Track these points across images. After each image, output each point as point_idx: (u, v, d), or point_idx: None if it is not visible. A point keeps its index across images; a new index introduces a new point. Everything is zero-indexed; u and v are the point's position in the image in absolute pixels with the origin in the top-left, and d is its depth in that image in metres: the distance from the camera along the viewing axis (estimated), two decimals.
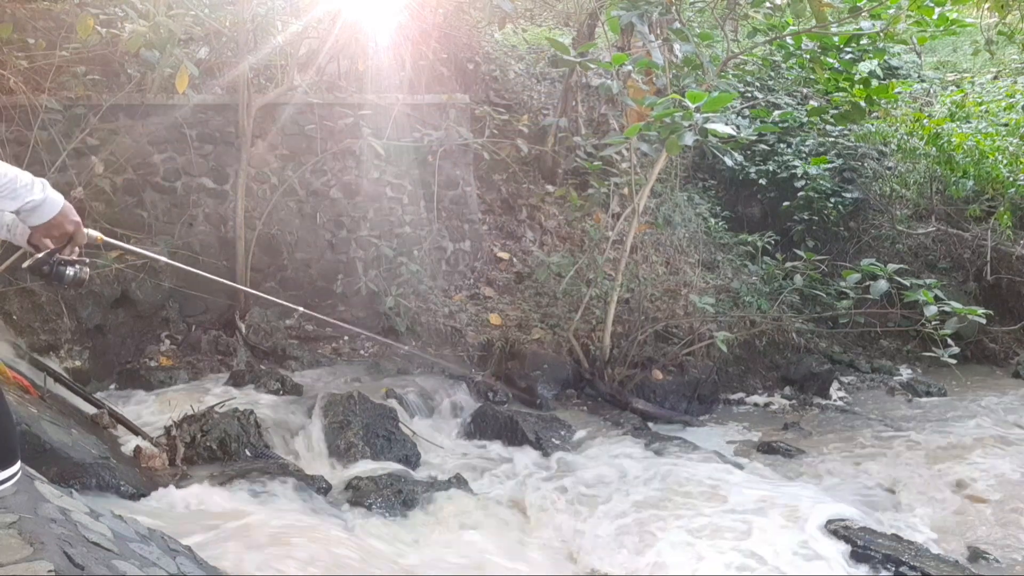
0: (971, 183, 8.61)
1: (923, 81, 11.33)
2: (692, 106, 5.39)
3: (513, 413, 5.96)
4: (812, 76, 8.73)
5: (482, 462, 5.44)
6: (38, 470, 3.42)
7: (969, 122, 9.39)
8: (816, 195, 8.64)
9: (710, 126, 5.43)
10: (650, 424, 6.38)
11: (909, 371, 7.96)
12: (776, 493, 4.86)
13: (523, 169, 8.95)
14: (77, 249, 2.07)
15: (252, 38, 6.74)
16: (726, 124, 5.63)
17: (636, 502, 4.68)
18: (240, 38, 6.68)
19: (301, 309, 2.61)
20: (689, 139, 5.49)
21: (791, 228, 8.82)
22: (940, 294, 5.97)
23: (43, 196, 1.88)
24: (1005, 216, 8.32)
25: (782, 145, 9.29)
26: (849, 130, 9.19)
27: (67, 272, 2.05)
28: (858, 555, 4.11)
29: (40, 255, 2.05)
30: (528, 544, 4.32)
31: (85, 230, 2.05)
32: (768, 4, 7.44)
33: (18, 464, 1.98)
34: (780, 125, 8.90)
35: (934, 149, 8.69)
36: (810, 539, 4.27)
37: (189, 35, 6.73)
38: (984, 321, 5.85)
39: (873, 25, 6.31)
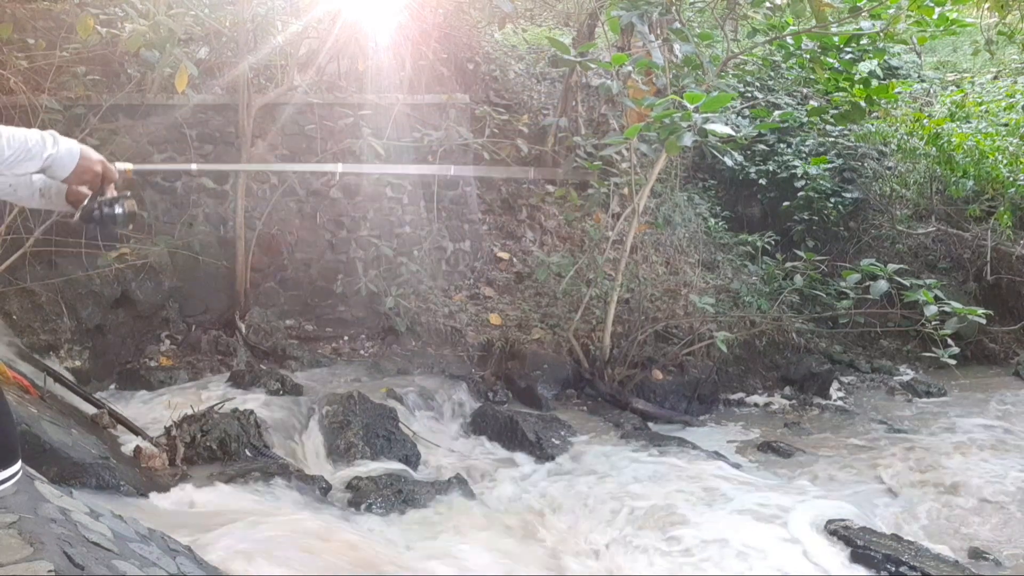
0: (971, 183, 8.61)
1: (923, 81, 11.32)
2: (691, 107, 5.39)
3: (513, 413, 5.96)
4: (812, 76, 8.72)
5: (482, 462, 5.44)
6: (38, 470, 3.42)
7: (969, 122, 9.38)
8: (816, 195, 8.64)
9: (709, 126, 5.43)
10: (650, 424, 6.39)
11: (909, 371, 7.95)
12: (776, 493, 4.87)
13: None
14: (114, 187, 2.05)
15: (252, 38, 6.74)
16: (725, 124, 5.63)
17: (636, 502, 4.68)
18: (240, 38, 6.68)
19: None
20: (688, 140, 5.49)
21: (791, 228, 8.81)
22: (940, 294, 5.97)
23: (56, 148, 1.87)
24: (1005, 216, 8.31)
25: (782, 145, 9.29)
26: (849, 130, 9.18)
27: (117, 211, 2.04)
28: (858, 555, 4.11)
29: (84, 204, 2.03)
30: (527, 544, 4.32)
31: (113, 164, 2.03)
32: (768, 4, 7.43)
33: (19, 464, 1.98)
34: (781, 125, 8.89)
35: (934, 149, 8.69)
36: (810, 539, 4.27)
37: (189, 35, 6.73)
38: (984, 321, 5.85)
39: (873, 25, 6.31)
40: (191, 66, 5.88)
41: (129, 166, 2.11)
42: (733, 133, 5.58)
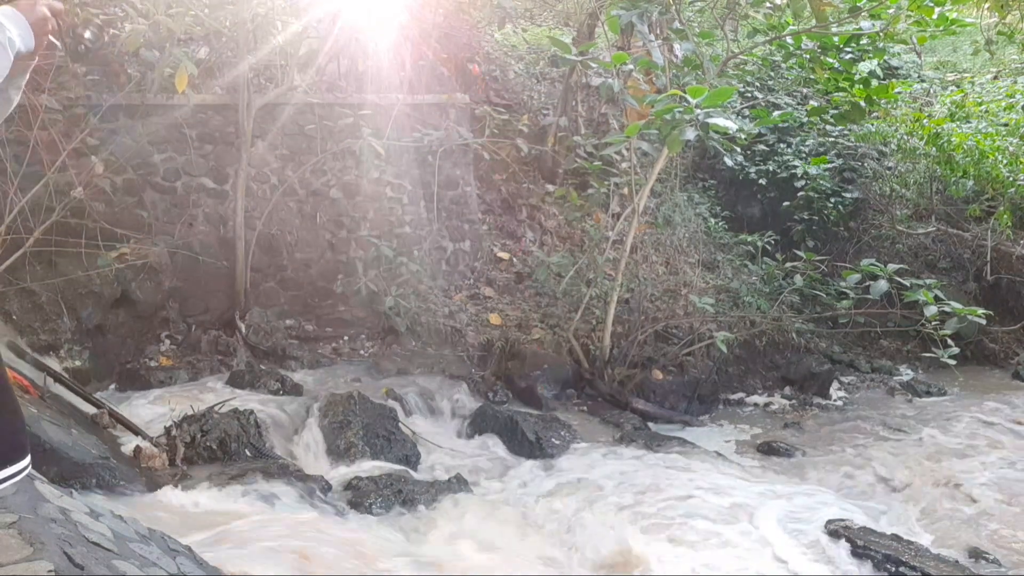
0: (971, 183, 8.60)
1: (923, 81, 11.32)
2: (693, 101, 5.39)
3: (513, 413, 5.96)
4: (812, 76, 8.72)
5: (482, 462, 5.44)
6: (38, 470, 3.41)
7: (969, 122, 9.37)
8: (816, 195, 8.64)
9: (711, 120, 5.42)
10: (650, 424, 6.39)
11: (909, 371, 7.96)
12: (776, 493, 4.87)
13: (523, 169, 8.95)
14: (61, 22, 1.92)
15: (252, 38, 6.74)
16: (726, 119, 5.62)
17: (636, 502, 4.68)
18: (240, 38, 6.68)
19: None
20: (690, 134, 5.48)
21: (791, 228, 8.82)
22: (940, 294, 5.97)
23: (8, 30, 1.71)
24: (1005, 216, 8.31)
25: (782, 145, 9.29)
26: (849, 130, 9.18)
27: (88, 35, 1.99)
28: (858, 555, 4.11)
29: (59, 49, 1.95)
30: (527, 544, 4.32)
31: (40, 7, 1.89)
32: (768, 4, 7.43)
33: (27, 459, 1.98)
34: (780, 122, 8.88)
35: (934, 149, 8.68)
36: (810, 539, 4.27)
37: (189, 35, 6.73)
38: (984, 321, 5.85)
39: (873, 25, 6.31)
40: (191, 66, 5.88)
41: None
42: (735, 126, 5.57)
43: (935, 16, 6.30)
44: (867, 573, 4.02)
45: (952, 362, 5.88)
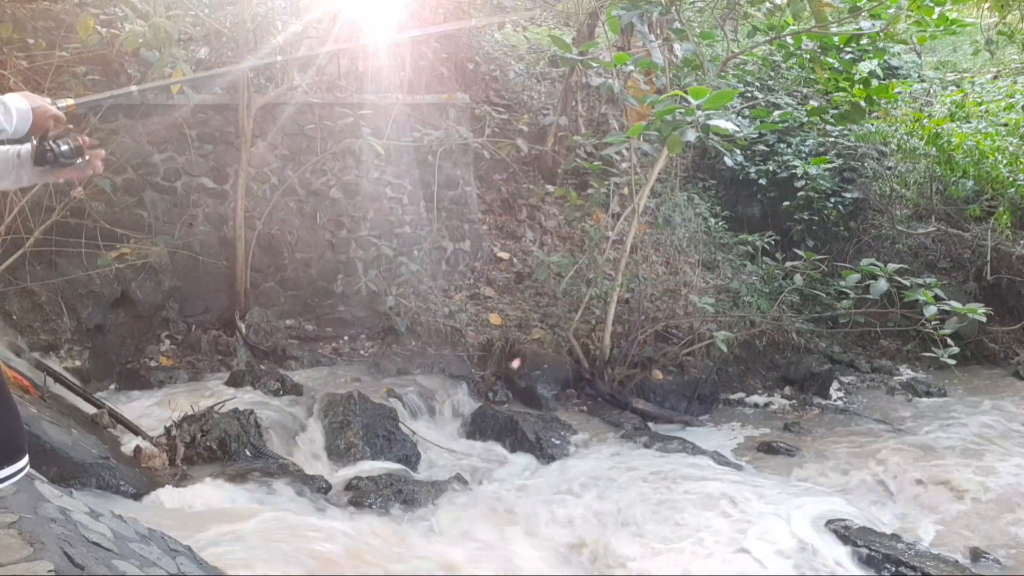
0: (971, 183, 8.61)
1: (923, 81, 11.32)
2: (694, 103, 5.39)
3: (513, 413, 5.96)
4: (812, 76, 8.72)
5: (482, 462, 5.44)
6: (38, 470, 3.42)
7: (969, 122, 9.38)
8: (816, 195, 8.64)
9: (712, 122, 5.42)
10: (650, 424, 6.39)
11: (909, 371, 7.95)
12: (776, 493, 4.86)
13: (523, 169, 8.95)
14: (62, 126, 2.07)
15: (252, 38, 6.74)
16: (727, 121, 5.62)
17: (636, 503, 4.68)
18: (240, 38, 6.68)
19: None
20: (691, 135, 5.48)
21: (791, 228, 8.82)
22: (940, 294, 5.97)
23: (10, 107, 1.88)
24: (1005, 216, 8.31)
25: (782, 145, 9.28)
26: (849, 130, 9.18)
27: (63, 148, 2.07)
28: (858, 555, 4.11)
29: (36, 146, 2.06)
30: (527, 544, 4.32)
31: (55, 104, 2.05)
32: (768, 4, 7.43)
33: (26, 459, 1.99)
34: (780, 124, 8.89)
35: (934, 149, 8.69)
36: (810, 539, 4.27)
37: (188, 35, 6.73)
38: (984, 320, 5.85)
39: (873, 25, 6.31)
40: (185, 68, 5.87)
41: (71, 101, 2.14)
42: (736, 128, 5.56)
43: (935, 16, 6.31)
44: (867, 573, 4.02)
45: (952, 362, 5.89)
